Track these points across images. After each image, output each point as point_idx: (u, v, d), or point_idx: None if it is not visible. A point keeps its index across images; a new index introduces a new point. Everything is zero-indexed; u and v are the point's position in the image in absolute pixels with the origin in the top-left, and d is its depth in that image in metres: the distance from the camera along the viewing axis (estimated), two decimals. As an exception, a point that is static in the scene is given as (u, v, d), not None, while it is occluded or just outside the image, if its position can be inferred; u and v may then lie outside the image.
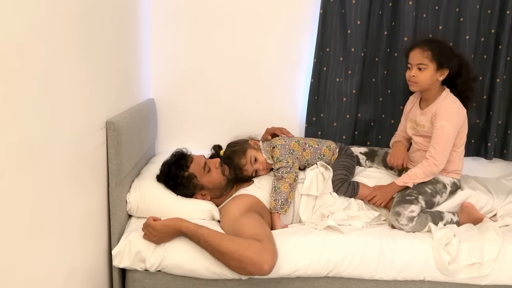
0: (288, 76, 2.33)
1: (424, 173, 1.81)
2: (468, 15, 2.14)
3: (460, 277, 1.59)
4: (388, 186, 1.86)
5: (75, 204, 1.31)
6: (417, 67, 1.81)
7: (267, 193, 1.85)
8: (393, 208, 1.77)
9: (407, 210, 1.73)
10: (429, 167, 1.80)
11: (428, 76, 1.81)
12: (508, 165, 2.39)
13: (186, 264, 1.57)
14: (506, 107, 2.25)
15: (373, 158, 2.15)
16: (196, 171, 1.79)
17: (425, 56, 1.79)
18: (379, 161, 2.14)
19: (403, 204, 1.75)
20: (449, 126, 1.78)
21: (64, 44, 1.18)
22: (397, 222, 1.73)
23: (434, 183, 1.85)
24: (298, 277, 1.61)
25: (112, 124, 1.53)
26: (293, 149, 1.95)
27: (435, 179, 1.86)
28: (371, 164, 2.15)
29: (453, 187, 1.89)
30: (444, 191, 1.85)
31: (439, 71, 1.81)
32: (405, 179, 1.83)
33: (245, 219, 1.63)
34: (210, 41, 2.28)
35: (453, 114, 1.79)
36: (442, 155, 1.79)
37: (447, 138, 1.79)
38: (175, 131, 2.39)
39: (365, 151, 2.17)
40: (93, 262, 1.50)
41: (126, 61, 1.81)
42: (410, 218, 1.72)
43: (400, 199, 1.79)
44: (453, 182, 1.89)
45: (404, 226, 1.72)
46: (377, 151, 2.17)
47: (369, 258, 1.60)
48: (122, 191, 1.69)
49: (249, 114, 2.37)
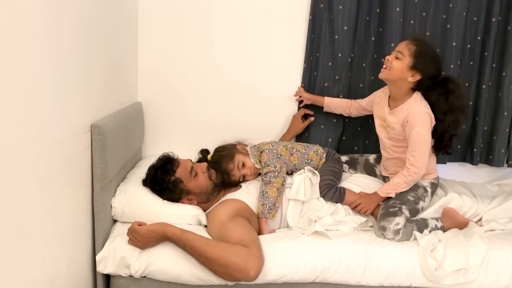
0: (278, 81, 2.33)
1: (406, 183, 1.80)
2: (454, 22, 2.16)
3: (446, 283, 1.60)
4: (373, 195, 1.85)
5: (58, 209, 1.29)
6: (396, 54, 1.77)
7: (254, 198, 1.84)
8: (378, 222, 1.77)
9: (392, 223, 1.72)
10: (410, 176, 1.78)
11: (399, 68, 1.74)
12: (494, 171, 2.41)
13: (172, 270, 1.55)
14: (492, 113, 2.27)
15: (355, 167, 2.15)
16: (182, 175, 1.78)
17: (408, 49, 1.74)
18: (361, 169, 2.14)
19: (387, 217, 1.75)
20: (424, 131, 1.74)
21: (49, 47, 1.17)
22: (384, 237, 1.73)
23: (415, 189, 1.84)
24: (285, 282, 1.60)
25: (97, 128, 1.51)
26: (281, 154, 1.95)
27: (415, 185, 1.85)
28: (355, 172, 2.15)
29: (433, 187, 1.89)
30: (425, 195, 1.85)
31: (411, 71, 1.75)
32: (387, 189, 1.82)
33: (232, 224, 1.62)
34: (198, 45, 2.27)
35: (426, 119, 1.75)
36: (422, 161, 1.76)
37: (424, 144, 1.76)
38: (162, 135, 2.37)
39: (346, 159, 2.16)
40: (77, 268, 1.47)
41: (112, 63, 1.79)
42: (396, 231, 1.72)
43: (384, 212, 1.78)
44: (431, 183, 1.89)
45: (391, 240, 1.72)
46: (357, 159, 2.17)
47: (356, 264, 1.60)
48: (107, 196, 1.67)
49: (237, 118, 2.36)
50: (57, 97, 1.24)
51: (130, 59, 2.12)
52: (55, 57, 1.21)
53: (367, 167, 2.11)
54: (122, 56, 1.96)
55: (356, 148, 2.36)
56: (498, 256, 1.63)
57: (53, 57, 1.20)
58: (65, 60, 1.28)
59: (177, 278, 1.56)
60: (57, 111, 1.24)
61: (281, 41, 2.28)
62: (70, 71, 1.32)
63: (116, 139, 1.67)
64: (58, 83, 1.24)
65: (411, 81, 1.76)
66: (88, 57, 1.48)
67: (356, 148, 2.36)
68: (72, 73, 1.34)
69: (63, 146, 1.30)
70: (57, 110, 1.25)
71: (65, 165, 1.32)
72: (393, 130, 1.85)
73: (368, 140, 2.34)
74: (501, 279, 1.61)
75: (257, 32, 2.27)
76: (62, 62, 1.26)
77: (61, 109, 1.27)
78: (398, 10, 2.12)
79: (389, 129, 1.87)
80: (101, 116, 1.63)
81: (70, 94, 1.33)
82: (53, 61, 1.20)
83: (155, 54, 2.27)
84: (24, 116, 1.05)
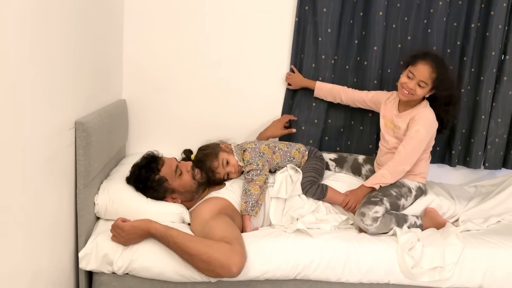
0: (263, 81, 2.35)
1: (390, 173, 1.86)
2: (435, 27, 2.22)
3: (422, 280, 1.64)
4: (359, 189, 1.90)
5: (41, 205, 1.28)
6: (419, 82, 1.84)
7: (238, 196, 1.86)
8: (359, 209, 1.82)
9: (372, 210, 1.77)
10: (395, 167, 1.85)
11: (423, 93, 1.87)
12: (471, 172, 2.47)
13: (154, 267, 1.56)
14: (470, 117, 2.33)
15: (342, 165, 2.19)
16: (167, 174, 1.78)
17: (430, 77, 1.82)
18: (348, 167, 2.18)
19: (368, 205, 1.80)
20: (424, 131, 1.84)
21: (33, 43, 1.17)
22: (362, 223, 1.77)
23: (400, 187, 1.90)
24: (267, 279, 1.62)
25: (81, 125, 1.51)
26: (263, 152, 1.98)
27: (401, 183, 1.91)
28: (340, 171, 2.19)
29: (418, 192, 1.95)
30: (409, 195, 1.91)
31: (430, 92, 1.88)
32: (373, 180, 1.88)
33: (215, 222, 1.64)
34: (184, 43, 2.28)
35: (430, 122, 1.87)
36: (410, 157, 1.85)
37: (418, 143, 1.85)
38: (146, 133, 2.37)
39: (334, 157, 2.21)
40: (59, 264, 1.47)
41: (97, 60, 1.79)
42: (374, 218, 1.76)
43: (366, 200, 1.84)
44: (418, 187, 1.95)
45: (368, 226, 1.76)
46: (346, 157, 2.21)
47: (336, 262, 1.63)
48: (90, 193, 1.67)
49: (221, 117, 2.37)
50: (41, 94, 1.24)
51: (115, 56, 2.11)
52: (39, 54, 1.21)
53: (355, 165, 2.16)
54: (107, 54, 1.96)
55: (338, 148, 2.40)
56: (473, 255, 1.68)
57: (38, 54, 1.20)
58: (50, 57, 1.28)
59: (160, 275, 1.57)
60: (41, 108, 1.24)
61: (268, 42, 2.30)
62: (55, 68, 1.32)
63: (100, 137, 1.68)
64: (42, 80, 1.24)
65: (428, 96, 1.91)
66: (73, 54, 1.48)
67: (338, 149, 2.40)
68: (57, 70, 1.34)
69: (47, 142, 1.30)
70: (42, 107, 1.25)
71: (49, 161, 1.32)
72: (399, 130, 1.94)
73: (350, 141, 2.38)
74: (476, 277, 1.66)
75: (244, 31, 2.28)
76: (47, 59, 1.26)
77: (45, 106, 1.27)
78: (381, 14, 2.16)
79: (396, 129, 1.96)
80: (85, 113, 1.63)
81: (54, 91, 1.33)
82: (38, 58, 1.20)
83: (140, 52, 2.27)
84: (8, 113, 1.05)
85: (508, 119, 2.28)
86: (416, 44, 2.23)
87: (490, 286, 1.67)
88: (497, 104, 2.27)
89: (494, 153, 2.32)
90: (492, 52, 2.20)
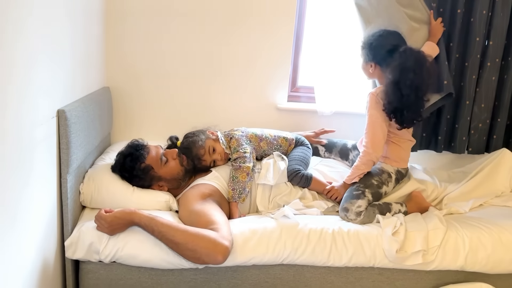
0: (248, 67, 2.34)
1: (363, 164, 1.88)
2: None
3: (407, 263, 1.67)
4: (341, 186, 1.91)
5: (25, 195, 1.27)
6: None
7: (225, 183, 1.86)
8: (342, 204, 1.84)
9: (355, 205, 1.79)
10: (363, 157, 1.87)
11: (363, 66, 1.98)
12: (456, 158, 2.51)
13: (141, 254, 1.56)
14: (455, 102, 2.34)
15: (331, 150, 2.21)
16: (152, 162, 1.78)
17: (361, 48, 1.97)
18: (336, 152, 2.20)
19: (350, 199, 1.82)
20: (377, 114, 1.85)
21: (14, 29, 1.14)
22: (346, 218, 1.80)
23: (380, 174, 1.92)
24: (253, 265, 1.64)
25: (63, 113, 1.49)
26: (250, 140, 1.98)
27: (380, 170, 1.93)
28: (329, 155, 2.21)
29: (398, 175, 1.96)
30: (389, 180, 1.93)
31: (368, 63, 1.95)
32: (351, 176, 1.90)
33: (202, 208, 1.64)
34: (169, 29, 2.25)
35: (375, 103, 1.87)
36: (373, 142, 1.86)
37: (375, 126, 1.86)
38: (132, 120, 2.35)
39: (325, 143, 2.23)
40: (45, 253, 1.46)
41: (79, 47, 1.76)
42: (358, 213, 1.78)
43: (348, 194, 1.85)
44: (397, 170, 1.96)
45: (352, 220, 1.79)
46: (336, 142, 2.23)
47: (321, 246, 1.65)
48: (75, 182, 1.66)
49: (207, 105, 2.37)
50: (23, 82, 1.22)
51: (97, 42, 2.08)
52: (20, 42, 1.18)
53: (343, 150, 2.18)
54: (88, 40, 1.92)
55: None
56: (456, 238, 1.71)
57: (18, 42, 1.17)
58: (31, 45, 1.26)
59: (147, 263, 1.58)
60: (23, 96, 1.22)
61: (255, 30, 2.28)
62: (36, 56, 1.30)
63: (84, 125, 1.66)
64: (24, 69, 1.21)
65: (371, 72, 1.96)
66: (54, 42, 1.45)
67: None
68: (38, 58, 1.32)
69: (29, 131, 1.28)
70: (23, 96, 1.22)
71: (32, 150, 1.30)
72: None
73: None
74: (458, 260, 1.69)
75: (231, 20, 2.26)
76: (28, 47, 1.23)
77: (27, 95, 1.25)
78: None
79: None
80: (68, 101, 1.61)
81: (36, 80, 1.31)
82: (18, 46, 1.17)
83: (123, 39, 2.24)
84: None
85: (491, 104, 2.30)
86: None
87: (472, 268, 1.71)
88: (481, 89, 2.28)
89: (477, 138, 2.34)
90: (476, 38, 2.20)
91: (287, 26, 2.30)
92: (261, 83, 2.36)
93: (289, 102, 2.46)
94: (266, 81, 2.36)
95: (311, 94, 2.45)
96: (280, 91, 2.39)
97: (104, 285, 1.63)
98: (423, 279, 1.74)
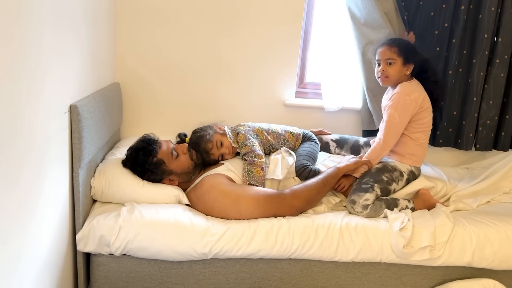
0: (257, 64, 2.35)
1: (371, 159, 1.93)
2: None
3: (414, 259, 1.68)
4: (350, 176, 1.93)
5: (38, 189, 1.30)
6: (386, 62, 1.91)
7: (238, 176, 1.87)
8: (350, 196, 1.85)
9: (362, 198, 1.81)
10: (374, 149, 1.93)
11: (397, 70, 1.91)
12: (462, 154, 2.51)
13: (151, 246, 1.59)
14: (462, 99, 2.33)
15: (343, 146, 2.23)
16: (164, 156, 1.80)
17: (393, 52, 1.90)
18: (347, 148, 2.22)
19: (358, 192, 1.83)
20: (397, 116, 1.88)
21: (27, 28, 1.16)
22: (353, 210, 1.81)
23: (392, 171, 1.93)
24: (261, 258, 1.66)
25: (75, 108, 1.51)
26: (257, 134, 2.01)
27: (392, 167, 1.94)
28: (340, 151, 2.23)
29: (410, 175, 1.97)
30: (400, 179, 1.94)
31: (406, 66, 1.91)
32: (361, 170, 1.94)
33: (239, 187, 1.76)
34: (178, 25, 2.26)
35: (403, 106, 1.88)
36: (386, 138, 1.91)
37: (391, 126, 1.90)
38: (141, 116, 2.38)
39: (336, 138, 2.24)
40: (57, 247, 1.49)
41: (90, 44, 1.78)
42: (365, 206, 1.80)
43: (357, 187, 1.87)
44: (410, 171, 1.97)
45: (359, 213, 1.80)
46: (348, 139, 2.24)
47: (329, 241, 1.67)
48: (87, 176, 1.68)
49: (215, 101, 2.38)
50: (36, 78, 1.24)
51: (107, 39, 2.10)
52: (33, 38, 1.20)
53: (355, 147, 2.20)
54: (100, 36, 1.95)
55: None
56: (463, 234, 1.72)
57: (31, 38, 1.19)
58: (44, 41, 1.28)
59: (158, 255, 1.61)
60: (36, 92, 1.24)
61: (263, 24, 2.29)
62: (48, 52, 1.32)
63: (95, 120, 1.68)
64: (36, 65, 1.24)
65: (409, 73, 1.95)
66: (66, 38, 1.48)
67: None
68: (50, 53, 1.34)
69: (43, 126, 1.30)
70: (37, 92, 1.25)
71: (45, 145, 1.33)
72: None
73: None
74: (465, 256, 1.70)
75: (238, 14, 2.27)
76: (40, 43, 1.26)
77: (40, 90, 1.27)
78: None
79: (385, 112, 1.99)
80: (79, 97, 1.63)
81: (48, 76, 1.33)
82: (31, 42, 1.20)
83: (133, 35, 2.26)
84: (4, 98, 1.06)
85: (499, 101, 2.30)
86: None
87: (479, 264, 1.72)
88: (489, 86, 2.28)
89: (485, 135, 2.34)
90: (484, 34, 2.20)
91: (296, 23, 2.31)
92: (269, 80, 2.37)
93: (296, 98, 2.48)
94: (274, 78, 2.37)
95: (318, 90, 2.46)
96: (288, 88, 2.40)
97: (115, 277, 1.66)
98: (430, 274, 1.76)
